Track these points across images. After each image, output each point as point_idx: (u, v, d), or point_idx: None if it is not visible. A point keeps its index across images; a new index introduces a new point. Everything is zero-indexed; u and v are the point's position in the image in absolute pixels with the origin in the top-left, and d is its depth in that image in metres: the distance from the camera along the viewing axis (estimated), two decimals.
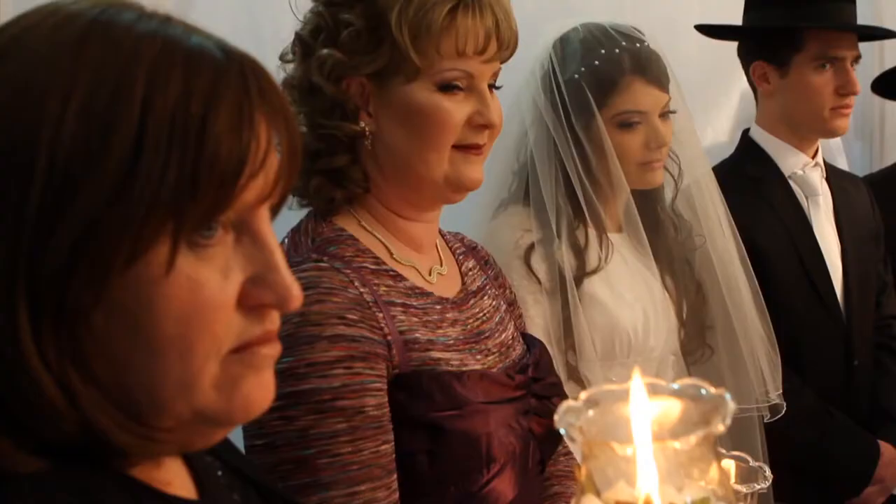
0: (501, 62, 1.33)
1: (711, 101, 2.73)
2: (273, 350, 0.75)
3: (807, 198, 2.32)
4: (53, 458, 0.68)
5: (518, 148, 1.91)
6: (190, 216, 0.68)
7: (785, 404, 1.99)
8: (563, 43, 1.89)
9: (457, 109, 1.27)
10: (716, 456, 0.75)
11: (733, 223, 2.02)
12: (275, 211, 0.76)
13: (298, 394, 1.17)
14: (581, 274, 1.83)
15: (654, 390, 0.76)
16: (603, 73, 1.84)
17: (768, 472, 1.19)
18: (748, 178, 2.30)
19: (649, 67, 1.86)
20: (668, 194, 1.99)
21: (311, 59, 1.29)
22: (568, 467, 1.48)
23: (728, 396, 0.73)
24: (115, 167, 0.66)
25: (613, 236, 1.90)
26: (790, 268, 2.25)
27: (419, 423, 1.23)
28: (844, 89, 2.26)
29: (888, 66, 2.64)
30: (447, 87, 1.27)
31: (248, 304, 0.72)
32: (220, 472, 0.86)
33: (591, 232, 1.87)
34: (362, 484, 1.18)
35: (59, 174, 0.65)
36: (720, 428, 0.71)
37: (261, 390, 0.74)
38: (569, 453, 1.47)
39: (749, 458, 1.22)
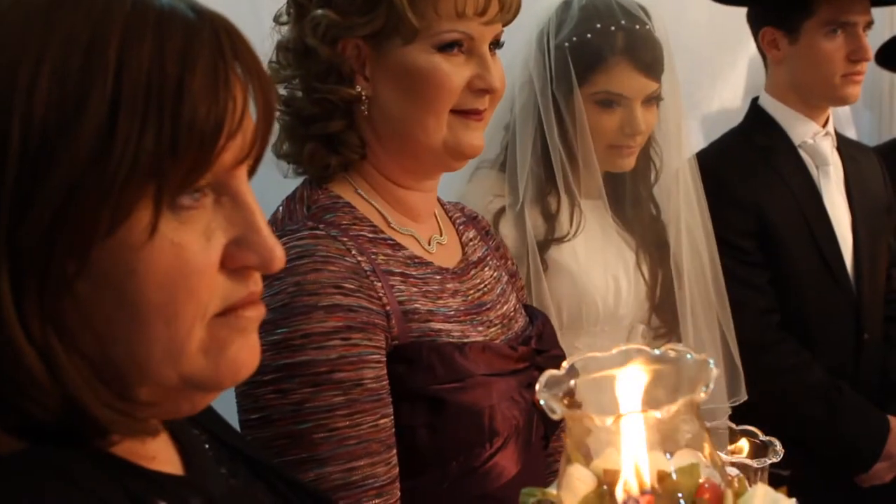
0: (504, 24, 1.29)
1: (720, 69, 2.69)
2: (257, 312, 0.75)
3: (817, 167, 2.28)
4: (33, 439, 0.67)
5: (510, 105, 1.87)
6: (171, 179, 0.67)
7: (729, 408, 1.96)
8: (565, 6, 1.84)
9: (456, 72, 1.23)
10: (701, 421, 0.74)
11: (710, 225, 1.98)
12: (251, 171, 0.76)
13: (294, 366, 1.13)
14: (550, 239, 1.82)
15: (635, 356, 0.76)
16: (592, 47, 1.80)
17: (779, 447, 1.18)
18: (757, 147, 2.27)
19: (642, 52, 1.81)
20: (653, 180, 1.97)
21: (306, 21, 1.25)
22: None
23: (712, 362, 0.73)
24: (92, 131, 0.65)
25: (592, 202, 1.87)
26: (799, 239, 2.22)
27: (419, 395, 1.20)
28: (856, 55, 2.21)
29: None
30: (446, 47, 1.22)
31: (232, 266, 0.72)
32: (206, 446, 0.85)
33: (564, 199, 1.84)
34: (360, 459, 1.15)
35: (34, 140, 0.64)
36: (702, 395, 0.71)
37: (248, 352, 0.74)
38: None
39: (759, 433, 1.20)
